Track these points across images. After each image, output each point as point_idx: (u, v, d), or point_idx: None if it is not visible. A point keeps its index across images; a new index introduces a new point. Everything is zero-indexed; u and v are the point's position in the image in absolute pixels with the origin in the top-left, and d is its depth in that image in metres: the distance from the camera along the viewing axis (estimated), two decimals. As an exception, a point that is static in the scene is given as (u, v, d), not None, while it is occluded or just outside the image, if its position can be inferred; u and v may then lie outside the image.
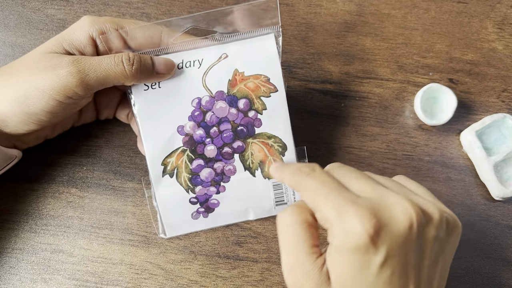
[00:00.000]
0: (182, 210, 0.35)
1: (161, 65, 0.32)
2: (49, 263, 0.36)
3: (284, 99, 0.34)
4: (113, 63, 0.30)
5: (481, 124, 0.38)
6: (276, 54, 0.34)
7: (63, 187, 0.38)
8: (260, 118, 0.34)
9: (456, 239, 0.26)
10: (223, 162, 0.34)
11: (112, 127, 0.39)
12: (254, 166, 0.35)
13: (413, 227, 0.23)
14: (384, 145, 0.39)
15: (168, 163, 0.34)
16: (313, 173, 0.26)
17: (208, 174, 0.34)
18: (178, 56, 0.33)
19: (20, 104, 0.30)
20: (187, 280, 0.36)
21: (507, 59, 0.40)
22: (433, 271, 0.24)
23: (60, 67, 0.29)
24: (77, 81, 0.29)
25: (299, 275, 0.25)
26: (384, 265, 0.23)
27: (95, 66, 0.30)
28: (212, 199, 0.35)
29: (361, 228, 0.22)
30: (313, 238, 0.25)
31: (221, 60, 0.34)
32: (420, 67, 0.40)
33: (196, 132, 0.34)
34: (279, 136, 0.34)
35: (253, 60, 0.34)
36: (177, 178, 0.34)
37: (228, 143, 0.34)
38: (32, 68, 0.30)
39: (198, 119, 0.34)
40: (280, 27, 0.33)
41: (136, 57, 0.31)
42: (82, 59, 0.30)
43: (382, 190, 0.24)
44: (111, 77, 0.30)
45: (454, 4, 0.42)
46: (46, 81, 0.29)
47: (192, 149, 0.34)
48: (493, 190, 0.37)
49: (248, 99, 0.34)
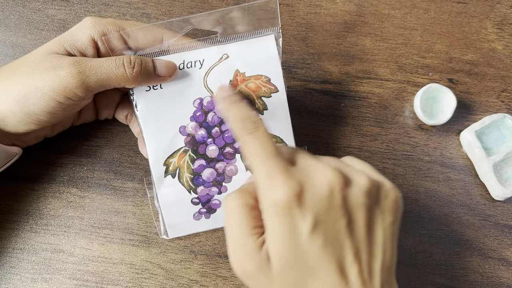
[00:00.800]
0: (184, 210, 0.35)
1: (162, 68, 0.32)
2: (49, 263, 0.36)
3: (285, 99, 0.34)
4: (114, 65, 0.30)
5: (480, 124, 0.38)
6: (276, 55, 0.34)
7: (64, 187, 0.38)
8: (261, 118, 0.34)
9: (394, 207, 0.26)
10: (224, 162, 0.34)
11: (112, 127, 0.39)
12: None
13: (334, 191, 0.23)
14: (384, 145, 0.39)
15: (170, 163, 0.34)
16: (256, 133, 0.26)
17: (210, 174, 0.34)
18: (179, 57, 0.33)
19: (20, 104, 0.30)
20: (187, 279, 0.36)
21: (506, 59, 0.41)
22: (372, 240, 0.24)
23: (61, 68, 0.29)
24: (77, 83, 0.29)
25: (241, 256, 0.25)
26: (314, 232, 0.23)
27: (96, 68, 0.30)
28: (214, 200, 0.35)
29: (283, 194, 0.23)
30: (255, 220, 0.25)
31: (222, 60, 0.34)
32: (419, 67, 0.40)
33: (198, 132, 0.34)
34: (280, 136, 0.34)
35: (254, 61, 0.34)
36: (179, 178, 0.34)
37: (229, 143, 0.34)
38: (33, 68, 0.30)
39: (200, 119, 0.34)
40: (280, 28, 0.34)
41: (137, 59, 0.31)
42: (83, 60, 0.30)
43: (314, 162, 0.25)
44: (112, 80, 0.30)
45: (454, 4, 0.42)
46: (47, 81, 0.29)
47: (194, 149, 0.34)
48: (493, 190, 0.37)
49: (249, 99, 0.34)
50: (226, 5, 0.41)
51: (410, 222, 0.37)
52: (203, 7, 0.41)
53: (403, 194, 0.38)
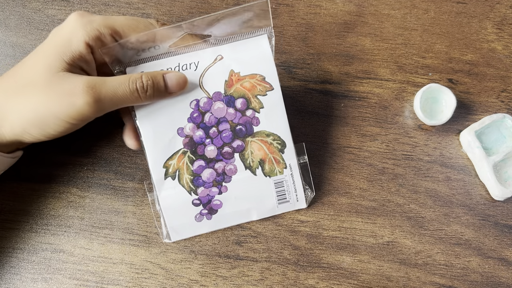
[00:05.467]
0: (185, 212, 0.35)
1: (173, 85, 0.32)
2: (49, 263, 0.36)
3: (280, 96, 0.34)
4: (129, 91, 0.31)
5: (480, 124, 0.38)
6: (270, 54, 0.34)
7: (64, 187, 0.38)
8: (258, 117, 0.34)
9: None
10: (223, 162, 0.35)
11: (112, 127, 0.39)
12: (254, 165, 0.35)
13: None
14: (383, 145, 0.39)
15: (169, 165, 0.34)
16: None
17: (209, 175, 0.35)
18: (175, 60, 0.34)
19: (37, 128, 0.31)
20: (187, 279, 0.36)
21: (506, 59, 0.41)
22: None
23: (76, 96, 0.29)
24: (94, 111, 0.30)
25: None
26: None
27: (111, 94, 0.30)
28: (214, 200, 0.35)
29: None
30: None
31: (216, 61, 0.34)
32: (419, 67, 0.40)
33: (196, 133, 0.34)
34: (277, 133, 0.35)
35: (248, 60, 0.34)
36: (179, 180, 0.34)
37: (227, 143, 0.34)
38: (45, 92, 0.30)
39: (197, 120, 0.34)
40: (272, 28, 0.34)
41: (149, 82, 0.31)
42: (97, 86, 0.30)
43: None
44: (126, 103, 0.31)
45: (454, 4, 0.42)
46: (63, 108, 0.30)
47: (193, 150, 0.34)
48: (493, 190, 0.37)
49: (245, 98, 0.34)
50: (226, 4, 0.41)
51: (410, 222, 0.37)
52: (203, 7, 0.41)
53: (403, 194, 0.38)
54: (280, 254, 0.37)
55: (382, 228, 0.37)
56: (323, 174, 0.38)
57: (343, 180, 0.38)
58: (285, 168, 0.35)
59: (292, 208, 0.37)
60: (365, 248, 0.37)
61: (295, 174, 0.35)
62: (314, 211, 0.37)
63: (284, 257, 0.37)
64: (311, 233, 0.37)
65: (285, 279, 0.36)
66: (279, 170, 0.35)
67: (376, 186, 0.38)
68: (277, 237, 0.37)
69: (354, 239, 0.37)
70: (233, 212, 0.36)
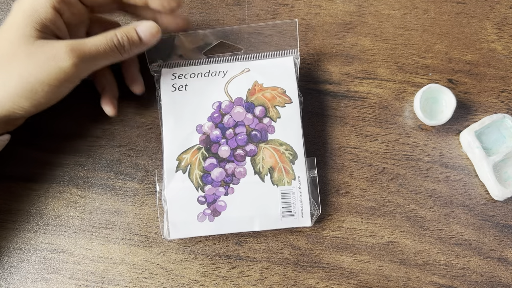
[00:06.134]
0: (189, 208, 0.35)
1: (147, 37, 0.34)
2: (50, 263, 0.36)
3: (298, 110, 0.37)
4: (109, 48, 0.32)
5: (480, 124, 0.38)
6: (293, 73, 0.37)
7: (64, 187, 0.38)
8: (274, 125, 0.36)
9: None
10: (234, 163, 0.36)
11: (112, 127, 0.39)
12: (264, 171, 0.35)
13: None
14: (383, 145, 0.39)
15: (183, 159, 0.36)
16: None
17: (219, 174, 0.35)
18: (206, 68, 0.38)
19: (29, 99, 0.31)
20: (187, 279, 0.36)
21: (506, 60, 0.41)
22: None
23: (61, 59, 0.30)
24: (80, 70, 0.31)
25: None
26: None
27: (94, 53, 0.31)
28: (219, 201, 0.35)
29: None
30: None
31: (243, 72, 0.38)
32: (419, 67, 0.40)
33: (213, 132, 0.36)
34: (290, 143, 0.36)
35: (272, 75, 0.37)
36: (189, 174, 0.35)
37: (241, 146, 0.36)
38: (29, 62, 0.30)
39: (216, 120, 0.36)
40: (298, 51, 0.38)
41: (124, 37, 0.33)
42: (79, 46, 0.31)
43: None
44: (108, 60, 0.33)
45: (454, 4, 0.42)
46: (51, 73, 0.30)
47: (207, 147, 0.36)
48: (492, 190, 0.37)
49: (264, 106, 0.36)
50: (226, 5, 0.41)
51: (410, 222, 0.37)
52: (203, 7, 0.41)
53: (403, 194, 0.38)
54: (280, 254, 0.37)
55: (382, 228, 0.37)
56: (323, 174, 0.38)
57: (343, 180, 0.38)
58: (294, 180, 0.35)
59: (296, 224, 0.35)
60: (365, 248, 0.37)
61: (303, 187, 0.35)
62: (314, 211, 0.37)
63: (284, 257, 0.37)
64: (311, 233, 0.37)
65: (285, 279, 0.36)
66: (287, 181, 0.35)
67: (376, 186, 0.38)
68: (277, 237, 0.37)
69: (354, 239, 0.37)
70: (236, 217, 0.35)
